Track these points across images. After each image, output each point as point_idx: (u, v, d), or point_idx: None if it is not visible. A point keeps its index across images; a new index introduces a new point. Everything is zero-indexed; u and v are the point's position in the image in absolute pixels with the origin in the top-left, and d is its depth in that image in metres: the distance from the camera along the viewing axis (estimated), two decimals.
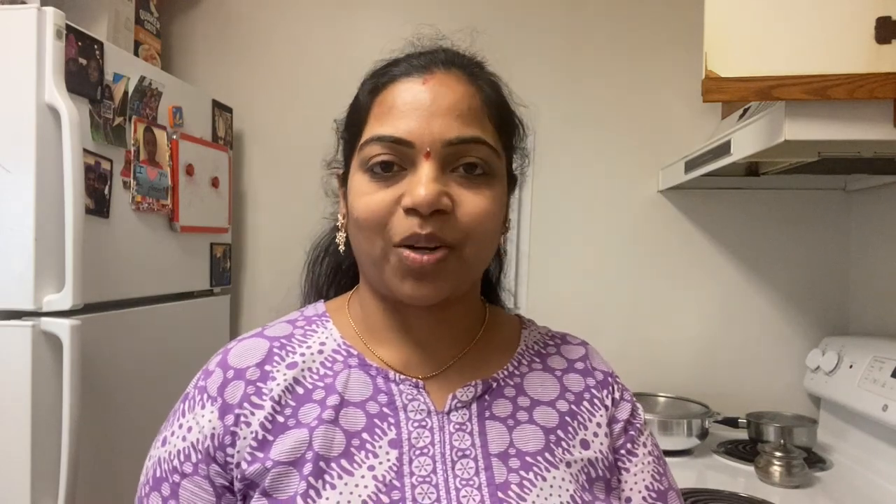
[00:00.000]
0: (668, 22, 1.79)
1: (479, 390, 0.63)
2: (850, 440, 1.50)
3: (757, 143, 1.07)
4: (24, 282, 1.18)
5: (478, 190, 0.58)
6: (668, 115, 1.79)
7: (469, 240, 0.58)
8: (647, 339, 1.79)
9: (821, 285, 1.74)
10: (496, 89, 0.65)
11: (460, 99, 0.59)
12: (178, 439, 0.60)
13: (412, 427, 0.60)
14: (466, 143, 0.58)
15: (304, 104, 1.94)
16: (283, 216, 1.98)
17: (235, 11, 1.98)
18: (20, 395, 1.16)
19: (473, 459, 0.59)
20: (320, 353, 0.64)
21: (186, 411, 0.61)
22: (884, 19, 0.84)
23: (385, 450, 0.58)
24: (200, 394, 0.61)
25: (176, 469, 0.59)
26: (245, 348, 0.63)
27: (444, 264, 0.57)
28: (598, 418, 0.66)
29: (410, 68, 0.61)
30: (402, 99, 0.59)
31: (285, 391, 0.60)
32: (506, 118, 0.65)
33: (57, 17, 1.19)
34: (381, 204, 0.57)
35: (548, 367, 0.68)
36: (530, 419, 0.63)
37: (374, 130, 0.59)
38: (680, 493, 0.68)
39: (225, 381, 0.61)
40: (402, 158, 0.58)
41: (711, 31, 0.90)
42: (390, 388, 0.62)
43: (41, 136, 1.18)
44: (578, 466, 0.62)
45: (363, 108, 0.63)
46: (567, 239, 1.83)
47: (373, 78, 0.64)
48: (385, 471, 0.57)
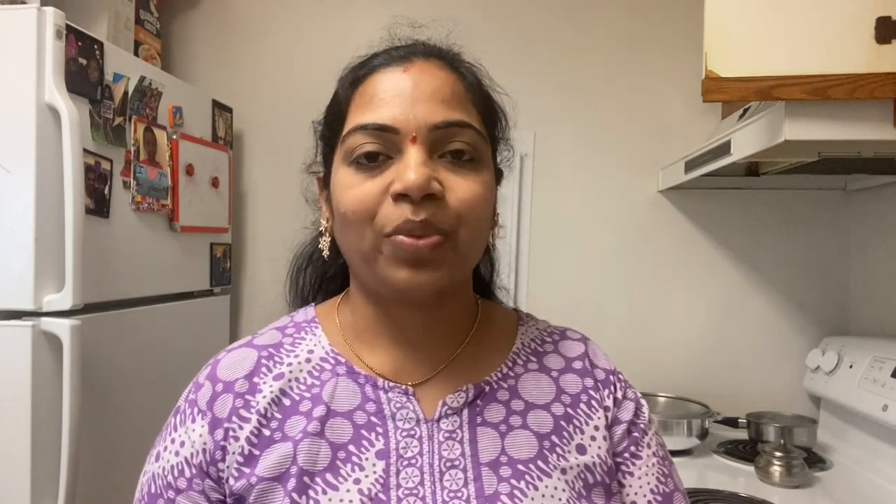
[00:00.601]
0: (668, 22, 1.79)
1: (470, 395, 0.61)
2: (850, 440, 1.50)
3: (757, 143, 1.07)
4: (24, 282, 1.18)
5: (467, 175, 0.57)
6: (668, 115, 1.79)
7: (462, 225, 0.56)
8: (646, 339, 1.79)
9: (821, 285, 1.74)
10: (477, 77, 0.64)
11: (443, 84, 0.58)
12: (171, 454, 0.59)
13: (400, 437, 0.58)
14: (453, 126, 0.57)
15: (304, 104, 1.93)
16: (283, 216, 1.97)
17: (235, 11, 1.98)
18: (20, 395, 1.16)
19: (462, 470, 0.58)
20: (308, 361, 0.62)
21: (178, 425, 0.60)
22: (884, 19, 0.84)
23: (372, 461, 0.57)
24: (191, 407, 0.60)
25: (170, 485, 0.58)
26: (234, 360, 0.62)
27: (439, 250, 0.55)
28: (596, 421, 0.63)
29: (390, 59, 0.60)
30: (382, 87, 0.58)
31: (271, 403, 0.59)
32: (489, 106, 0.64)
33: (57, 17, 1.19)
34: (370, 194, 0.55)
35: (544, 368, 0.66)
36: (524, 424, 0.61)
37: (357, 120, 0.58)
38: (685, 494, 0.67)
39: (214, 394, 0.60)
40: (388, 146, 0.56)
41: (711, 31, 0.90)
42: (379, 396, 0.60)
43: (41, 136, 1.18)
44: (574, 473, 0.60)
45: (343, 102, 0.62)
46: (567, 239, 1.83)
47: (351, 71, 0.63)
48: (371, 483, 0.56)
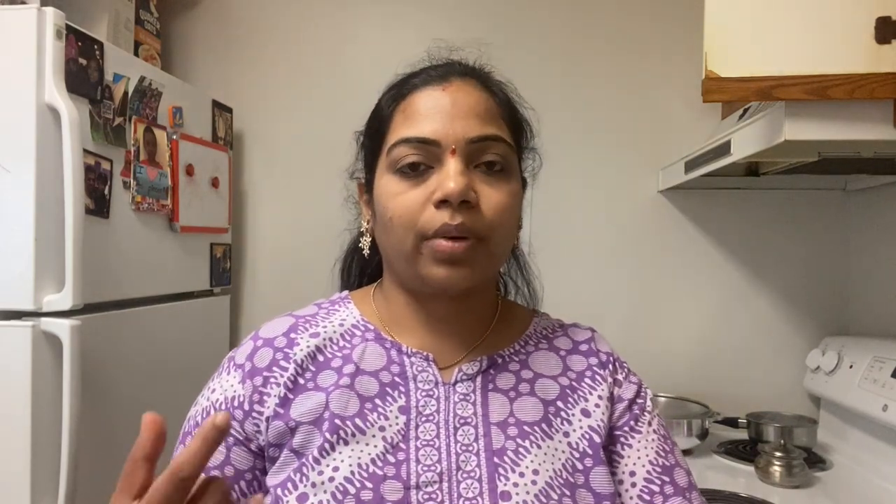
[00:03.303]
0: (668, 22, 1.79)
1: (484, 364, 0.68)
2: (850, 440, 1.50)
3: (757, 143, 1.07)
4: (24, 282, 1.18)
5: (498, 186, 0.64)
6: (668, 115, 1.79)
7: (493, 231, 0.63)
8: (647, 339, 1.79)
9: (821, 285, 1.74)
10: (507, 94, 0.71)
11: (477, 102, 0.65)
12: (204, 399, 0.68)
13: (420, 396, 0.65)
14: (487, 140, 0.63)
15: (304, 104, 1.94)
16: (283, 216, 1.98)
17: (235, 11, 1.98)
18: (20, 395, 1.16)
19: (474, 427, 0.64)
20: (341, 325, 0.70)
21: (215, 377, 0.69)
22: (884, 19, 0.84)
23: (395, 414, 0.64)
24: (228, 363, 0.69)
25: (198, 424, 0.66)
26: (274, 323, 0.71)
27: (472, 252, 0.61)
28: (600, 391, 0.69)
29: (429, 78, 0.67)
30: (424, 104, 0.64)
31: (307, 357, 0.67)
32: (516, 120, 0.71)
33: (57, 17, 1.19)
34: (415, 202, 0.62)
35: (553, 347, 0.72)
36: (531, 391, 0.67)
37: (401, 134, 0.64)
38: (690, 472, 0.68)
39: (255, 349, 0.68)
40: (429, 157, 0.63)
41: (711, 31, 0.90)
42: (402, 360, 0.67)
43: (41, 136, 1.18)
44: (579, 434, 0.66)
45: (386, 117, 0.68)
46: (567, 239, 1.83)
47: (393, 89, 0.69)
48: (394, 433, 0.63)
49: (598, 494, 0.62)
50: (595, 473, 0.64)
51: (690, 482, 0.67)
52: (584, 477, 0.63)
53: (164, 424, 0.47)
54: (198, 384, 0.72)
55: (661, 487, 0.65)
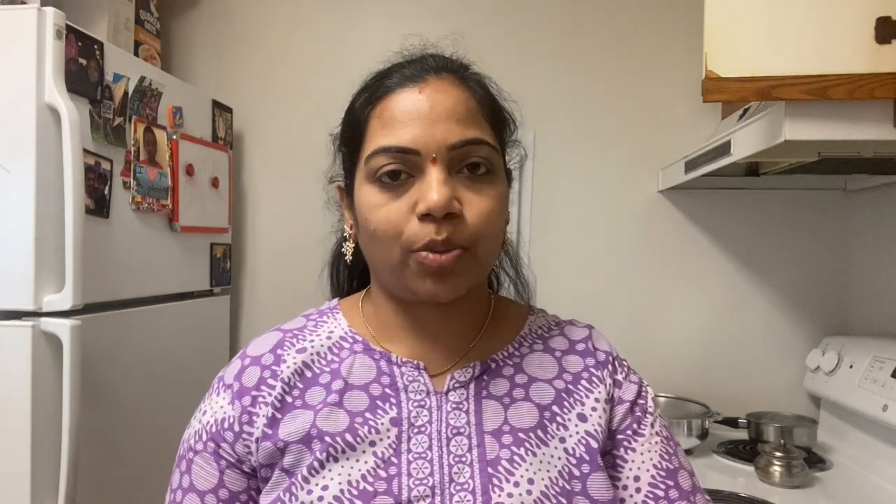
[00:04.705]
0: (668, 22, 1.79)
1: (477, 371, 0.66)
2: (850, 440, 1.50)
3: (757, 143, 1.07)
4: (24, 282, 1.18)
5: (482, 190, 0.61)
6: (668, 115, 1.79)
7: (480, 239, 0.61)
8: (647, 339, 1.79)
9: (821, 285, 1.74)
10: (486, 88, 0.67)
11: (457, 103, 0.62)
12: (196, 422, 0.67)
13: (412, 406, 0.64)
14: (469, 144, 0.61)
15: (304, 104, 1.94)
16: (283, 216, 1.98)
17: (235, 11, 1.98)
18: (20, 395, 1.16)
19: (467, 437, 0.63)
20: (328, 339, 0.68)
21: (206, 399, 0.69)
22: (884, 19, 0.84)
23: (386, 426, 0.62)
24: (218, 383, 0.68)
25: (191, 447, 0.66)
26: (262, 340, 0.70)
27: (459, 262, 0.60)
28: (597, 394, 0.67)
29: (404, 79, 0.63)
30: (400, 109, 0.61)
31: (294, 374, 0.65)
32: (498, 115, 0.68)
33: (57, 17, 1.19)
34: (397, 214, 0.60)
35: (548, 349, 0.70)
36: (526, 396, 0.66)
37: (379, 142, 0.61)
38: (694, 473, 0.67)
39: (242, 367, 0.67)
40: (409, 166, 0.60)
41: (711, 31, 0.90)
42: (392, 370, 0.66)
43: (41, 136, 1.18)
44: (575, 440, 0.64)
45: (361, 121, 0.65)
46: (567, 239, 1.83)
47: (365, 91, 0.66)
48: (385, 448, 0.61)
49: (596, 501, 0.61)
50: (593, 480, 0.62)
51: (694, 484, 0.66)
52: (582, 484, 0.61)
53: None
54: (197, 384, 0.73)
55: (665, 492, 0.64)
